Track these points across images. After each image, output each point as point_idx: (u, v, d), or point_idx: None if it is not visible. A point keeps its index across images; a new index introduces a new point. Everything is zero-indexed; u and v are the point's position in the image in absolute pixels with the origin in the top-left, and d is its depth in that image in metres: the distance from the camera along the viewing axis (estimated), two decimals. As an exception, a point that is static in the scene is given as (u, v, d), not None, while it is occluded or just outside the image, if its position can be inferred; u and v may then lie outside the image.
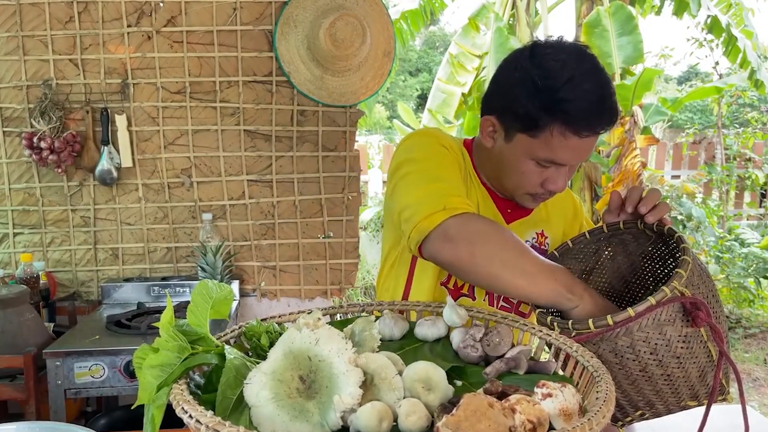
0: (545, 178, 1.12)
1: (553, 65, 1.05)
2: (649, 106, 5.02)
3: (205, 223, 2.53)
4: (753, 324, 5.00)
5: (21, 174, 2.49)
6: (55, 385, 1.89)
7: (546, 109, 1.04)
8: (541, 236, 1.29)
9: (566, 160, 1.09)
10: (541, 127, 1.05)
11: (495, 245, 0.99)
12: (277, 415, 0.67)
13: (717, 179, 6.40)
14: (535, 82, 1.04)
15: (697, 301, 0.89)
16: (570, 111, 1.02)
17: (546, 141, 1.06)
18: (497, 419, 0.60)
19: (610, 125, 1.07)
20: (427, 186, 1.07)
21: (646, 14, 5.15)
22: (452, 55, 5.29)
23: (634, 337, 0.90)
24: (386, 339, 0.91)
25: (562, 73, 1.03)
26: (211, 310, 0.78)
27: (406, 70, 15.99)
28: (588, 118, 1.04)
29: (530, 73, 1.05)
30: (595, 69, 1.06)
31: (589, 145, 1.08)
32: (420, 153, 1.15)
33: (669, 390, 0.95)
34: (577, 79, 1.02)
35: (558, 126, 1.04)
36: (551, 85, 1.03)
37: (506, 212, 1.25)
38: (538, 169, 1.11)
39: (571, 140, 1.05)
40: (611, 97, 1.06)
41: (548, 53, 1.06)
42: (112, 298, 2.46)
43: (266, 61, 2.52)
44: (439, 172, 1.11)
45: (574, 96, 1.02)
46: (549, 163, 1.09)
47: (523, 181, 1.14)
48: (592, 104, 1.03)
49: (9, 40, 2.39)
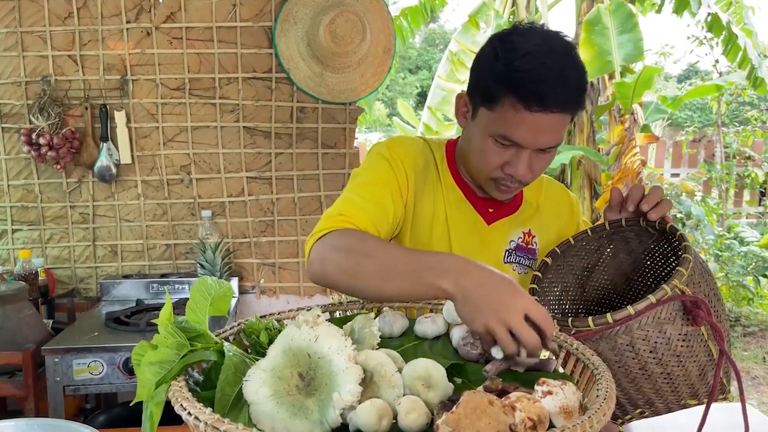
0: (505, 161, 1.08)
1: (518, 40, 1.03)
2: (649, 104, 5.02)
3: (204, 220, 2.52)
4: (752, 322, 5.00)
5: (20, 170, 2.48)
6: (53, 382, 1.89)
7: (500, 79, 1.02)
8: (528, 235, 1.25)
9: (521, 139, 1.04)
10: (496, 98, 1.03)
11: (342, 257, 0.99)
12: (276, 412, 0.67)
13: (716, 177, 6.40)
14: (496, 54, 1.03)
15: (698, 300, 0.89)
16: (521, 81, 0.99)
17: (500, 115, 1.03)
18: (497, 417, 0.60)
19: (567, 106, 1.02)
20: (333, 208, 1.10)
21: (646, 12, 5.14)
22: (452, 53, 5.28)
23: (634, 336, 0.90)
24: (386, 336, 0.91)
25: (523, 46, 1.01)
26: (211, 307, 0.78)
27: (405, 68, 15.97)
28: (539, 92, 0.99)
29: (494, 48, 1.04)
30: (563, 50, 1.03)
31: (545, 126, 1.02)
32: (359, 170, 1.19)
33: (669, 388, 0.95)
34: (537, 54, 1.00)
35: (510, 98, 1.01)
36: (509, 57, 1.01)
37: (487, 212, 1.22)
38: (497, 149, 1.07)
39: (522, 115, 1.01)
40: (573, 78, 1.02)
41: (516, 31, 1.05)
42: (111, 295, 2.46)
43: (266, 58, 2.52)
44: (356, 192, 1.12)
45: (528, 67, 0.99)
46: (504, 140, 1.05)
47: (483, 161, 1.10)
48: (547, 79, 0.99)
49: (8, 36, 2.39)
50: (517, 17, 5.32)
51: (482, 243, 1.21)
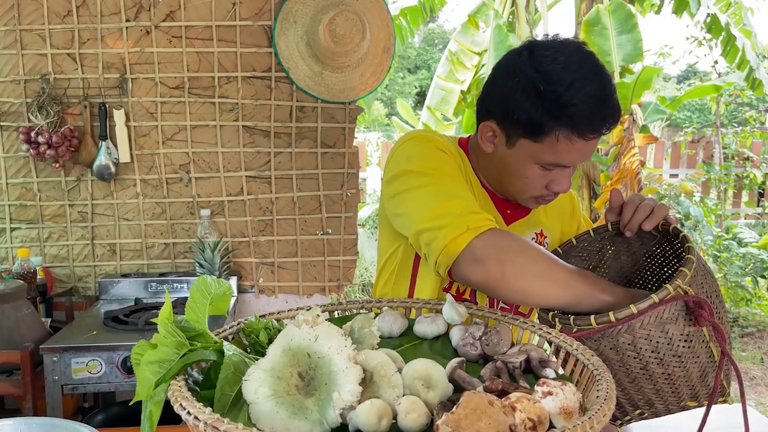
0: (550, 180, 1.11)
1: (553, 69, 1.03)
2: (648, 104, 5.02)
3: (203, 219, 2.52)
4: (750, 323, 5.01)
5: (18, 169, 2.48)
6: (52, 380, 1.88)
7: (550, 114, 1.03)
8: (540, 236, 1.28)
9: (571, 162, 1.09)
10: (546, 132, 1.04)
11: (524, 260, 0.99)
12: (275, 412, 0.66)
13: (715, 178, 6.40)
14: (536, 87, 1.03)
15: (701, 300, 0.89)
16: (575, 115, 1.02)
17: (551, 145, 1.05)
18: (497, 417, 0.60)
19: (614, 125, 1.07)
20: (442, 204, 1.04)
21: (645, 12, 5.15)
22: (451, 53, 5.28)
23: (636, 335, 0.90)
24: (385, 336, 0.91)
25: (563, 77, 1.02)
26: (210, 306, 0.78)
27: (405, 68, 15.98)
28: (593, 121, 1.04)
29: (531, 78, 1.04)
30: (596, 69, 1.06)
31: (593, 145, 1.08)
32: (423, 163, 1.12)
33: (669, 389, 0.95)
34: (579, 82, 1.02)
35: (563, 131, 1.03)
36: (554, 90, 1.02)
37: (506, 213, 1.24)
38: (543, 173, 1.10)
39: (577, 144, 1.05)
40: (613, 96, 1.05)
41: (547, 55, 1.05)
42: (110, 294, 2.45)
43: (265, 57, 2.51)
44: (449, 187, 1.08)
45: (578, 100, 1.01)
46: (554, 166, 1.09)
47: (527, 185, 1.13)
48: (596, 107, 1.03)
49: (7, 34, 2.38)
50: (516, 17, 5.32)
51: None
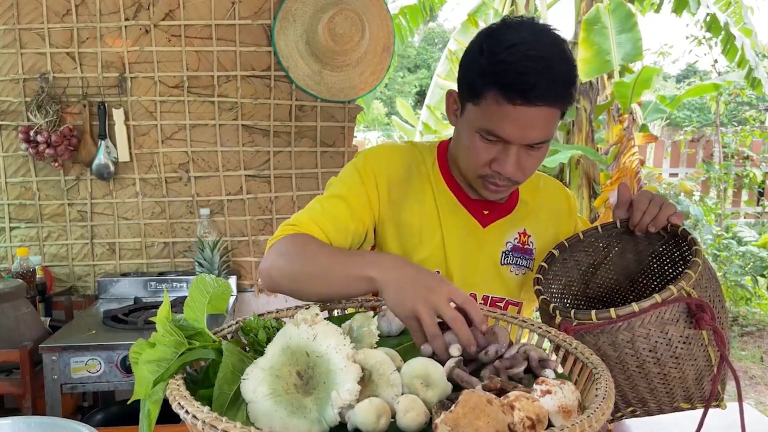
0: (492, 157, 1.05)
1: (504, 32, 1.01)
2: (648, 103, 5.02)
3: (203, 218, 2.52)
4: (749, 322, 5.01)
5: (17, 168, 2.48)
6: (51, 380, 1.88)
7: (483, 72, 1.00)
8: (524, 235, 1.23)
9: (506, 134, 1.01)
10: (480, 92, 1.01)
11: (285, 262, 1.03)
12: (274, 410, 0.66)
13: (715, 177, 6.41)
14: (481, 47, 1.01)
15: (703, 304, 0.89)
16: (503, 73, 0.97)
17: (484, 109, 1.01)
18: (496, 416, 0.60)
19: (553, 99, 0.99)
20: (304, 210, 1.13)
21: (645, 12, 5.14)
22: (451, 52, 5.28)
23: (636, 333, 0.90)
24: (384, 335, 0.90)
25: (508, 39, 0.99)
26: (209, 305, 0.78)
27: (404, 67, 15.97)
28: (521, 84, 0.96)
29: (480, 42, 1.03)
30: (551, 42, 1.00)
31: (530, 120, 0.99)
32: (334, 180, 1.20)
33: (664, 390, 0.96)
34: (522, 46, 0.97)
35: (492, 91, 0.98)
36: (493, 49, 0.99)
37: (482, 215, 1.20)
38: (485, 145, 1.04)
39: (506, 108, 0.98)
40: (559, 70, 0.99)
41: (510, 25, 1.03)
42: (109, 293, 2.45)
43: (265, 56, 2.51)
44: (320, 203, 1.14)
45: (512, 59, 0.96)
46: (490, 135, 1.02)
47: (470, 158, 1.08)
48: (531, 71, 0.96)
49: (6, 33, 2.38)
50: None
51: (478, 246, 1.19)
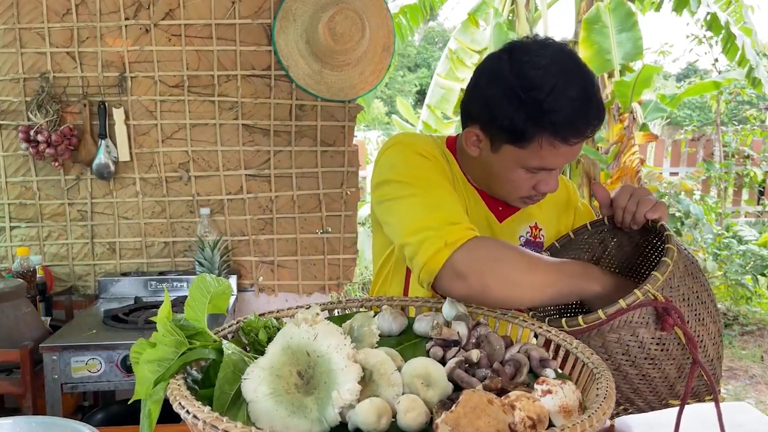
0: (537, 181, 1.12)
1: (534, 74, 1.03)
2: (648, 102, 5.02)
3: (203, 218, 2.52)
4: (750, 321, 5.01)
5: (18, 167, 2.48)
6: (51, 379, 1.88)
7: (532, 121, 1.03)
8: (535, 228, 1.28)
9: (557, 165, 1.09)
10: (529, 139, 1.04)
11: (504, 268, 0.98)
12: (275, 410, 0.66)
13: (715, 176, 6.40)
14: (518, 94, 1.02)
15: (668, 306, 0.89)
16: (557, 121, 1.02)
17: (535, 151, 1.05)
18: (497, 416, 0.60)
19: (599, 125, 1.06)
20: (422, 217, 1.03)
21: (645, 11, 5.14)
22: (451, 51, 5.28)
23: (607, 338, 0.92)
24: (385, 334, 0.90)
25: (544, 82, 1.01)
26: (209, 305, 0.78)
27: (405, 66, 15.96)
28: (575, 126, 1.03)
29: (511, 84, 1.03)
30: (578, 70, 1.05)
31: (579, 147, 1.08)
32: (405, 171, 1.12)
33: (647, 389, 0.96)
34: (560, 87, 1.01)
35: (546, 137, 1.03)
36: (535, 97, 1.01)
37: (498, 210, 1.24)
38: (529, 175, 1.10)
39: (561, 148, 1.05)
40: (595, 96, 1.04)
41: (527, 60, 1.04)
42: (110, 293, 2.45)
43: (265, 55, 2.51)
44: (429, 197, 1.07)
45: (560, 106, 1.01)
46: (540, 170, 1.09)
47: (514, 188, 1.14)
48: (578, 111, 1.02)
49: (6, 33, 2.38)
50: (516, 16, 5.31)
51: None
